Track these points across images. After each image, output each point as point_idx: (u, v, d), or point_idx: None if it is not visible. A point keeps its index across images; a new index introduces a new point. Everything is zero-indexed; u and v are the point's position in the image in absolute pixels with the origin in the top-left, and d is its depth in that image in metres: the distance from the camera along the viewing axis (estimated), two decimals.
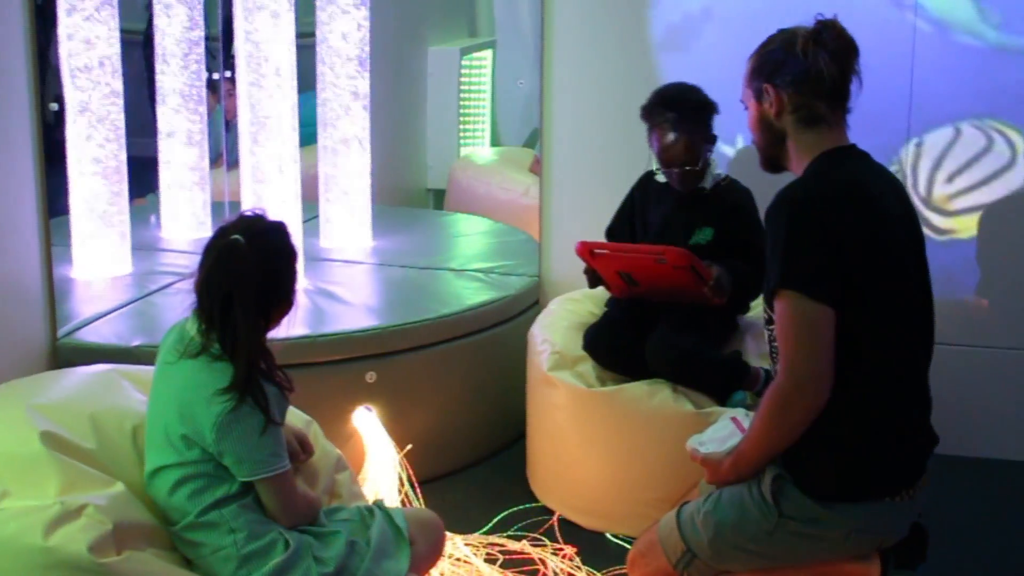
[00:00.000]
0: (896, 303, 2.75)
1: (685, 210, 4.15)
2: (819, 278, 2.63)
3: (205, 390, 2.70)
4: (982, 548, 4.11)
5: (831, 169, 2.79)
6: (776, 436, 2.72)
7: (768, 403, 2.71)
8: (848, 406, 2.69)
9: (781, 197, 2.75)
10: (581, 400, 4.08)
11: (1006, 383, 4.77)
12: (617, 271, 3.97)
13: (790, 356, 2.66)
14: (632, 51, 4.85)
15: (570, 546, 4.02)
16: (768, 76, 2.83)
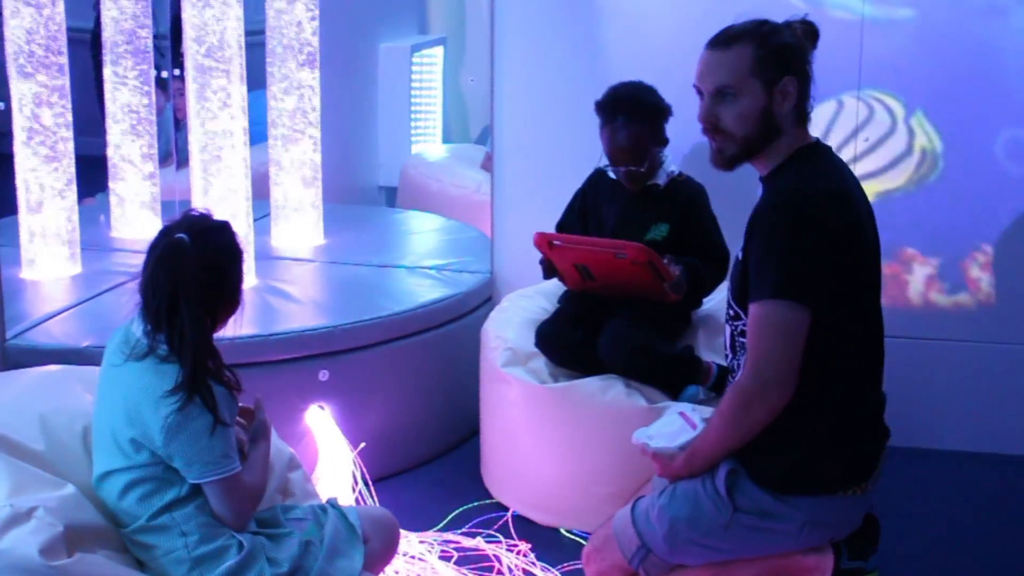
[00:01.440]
0: (868, 303, 2.78)
1: (640, 207, 4.17)
2: (812, 288, 2.63)
3: (153, 392, 2.68)
4: (933, 538, 4.15)
5: (819, 175, 2.76)
6: (735, 434, 2.73)
7: (730, 402, 2.72)
8: (807, 402, 2.70)
9: (775, 204, 2.72)
10: (534, 396, 4.09)
11: (952, 374, 4.81)
12: (574, 264, 3.98)
13: (761, 358, 2.66)
14: (582, 47, 4.85)
15: (524, 542, 4.02)
16: (788, 68, 2.74)
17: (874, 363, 2.85)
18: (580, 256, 3.95)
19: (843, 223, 2.68)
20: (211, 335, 2.78)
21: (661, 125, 4.11)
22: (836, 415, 2.75)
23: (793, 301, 2.62)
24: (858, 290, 2.74)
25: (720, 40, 2.79)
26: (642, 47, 4.79)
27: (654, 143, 4.09)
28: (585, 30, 4.85)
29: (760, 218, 2.72)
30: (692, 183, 4.20)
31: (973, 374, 4.78)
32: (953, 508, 4.38)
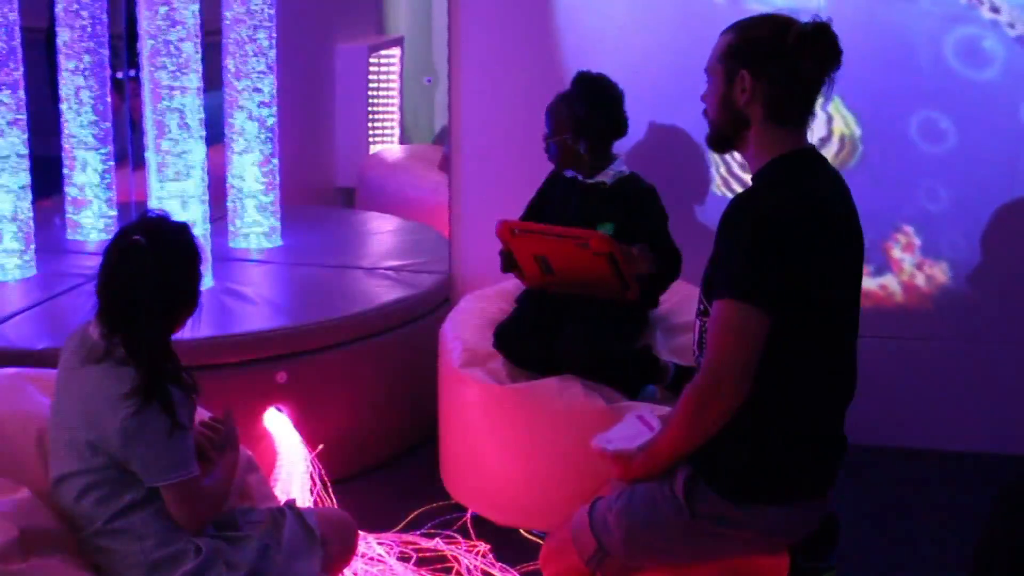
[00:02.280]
0: (837, 312, 2.76)
1: (586, 204, 4.17)
2: (772, 292, 2.61)
3: (109, 396, 2.67)
4: (891, 536, 4.18)
5: (793, 180, 2.73)
6: (692, 434, 2.72)
7: (686, 402, 2.71)
8: (768, 410, 2.69)
9: (744, 206, 2.70)
10: (493, 397, 4.09)
11: (909, 373, 4.85)
12: (534, 255, 3.98)
13: (717, 358, 2.65)
14: (540, 47, 4.86)
15: (483, 543, 4.02)
16: (747, 62, 2.72)
17: (838, 379, 2.85)
18: (541, 246, 3.95)
19: (807, 232, 2.65)
20: (169, 337, 2.77)
21: (590, 126, 4.13)
22: (796, 425, 2.73)
23: (750, 304, 2.61)
24: (823, 300, 2.70)
25: (728, 27, 2.81)
26: (599, 48, 4.80)
27: (571, 132, 4.13)
28: (542, 30, 4.85)
29: (728, 216, 2.71)
30: (640, 182, 4.20)
31: (912, 370, 4.85)
32: (913, 507, 4.42)
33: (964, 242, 4.75)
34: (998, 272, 4.77)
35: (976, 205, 4.73)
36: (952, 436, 4.85)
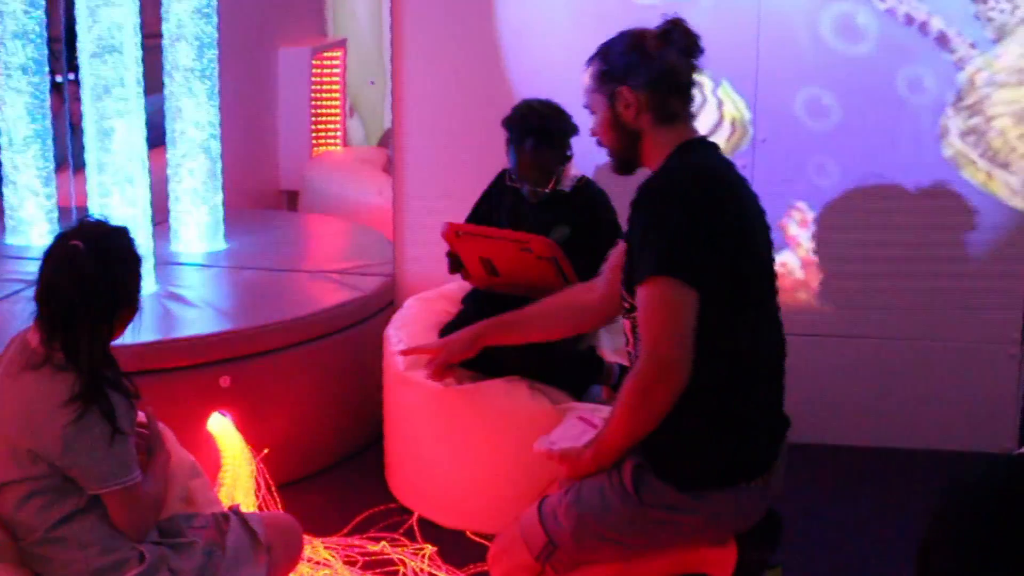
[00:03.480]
0: (758, 290, 2.81)
1: (542, 209, 4.18)
2: (693, 264, 2.65)
3: (49, 402, 2.64)
4: (832, 532, 4.22)
5: (693, 159, 2.81)
6: (638, 422, 2.74)
7: (629, 389, 2.72)
8: (706, 393, 2.72)
9: (651, 186, 2.76)
10: (438, 399, 4.08)
11: (848, 371, 4.90)
12: (480, 257, 3.98)
13: (654, 341, 2.66)
14: (482, 49, 4.86)
15: (430, 545, 4.02)
16: (622, 79, 2.83)
17: (772, 353, 2.88)
18: (486, 248, 3.96)
19: (717, 200, 2.73)
20: (108, 343, 2.75)
21: (567, 145, 4.14)
22: (735, 407, 2.77)
23: (675, 277, 2.65)
24: (746, 274, 2.76)
25: (588, 59, 2.93)
26: (541, 49, 4.81)
27: (560, 163, 4.12)
28: (485, 32, 4.85)
29: (638, 201, 2.76)
30: (594, 187, 4.23)
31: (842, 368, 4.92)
32: (853, 503, 4.45)
33: (855, 217, 4.82)
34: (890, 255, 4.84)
35: (863, 176, 4.79)
36: (891, 433, 4.91)
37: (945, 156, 4.70)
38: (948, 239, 4.78)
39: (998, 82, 4.62)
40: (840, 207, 4.82)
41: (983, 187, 4.70)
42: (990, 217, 4.74)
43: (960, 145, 4.68)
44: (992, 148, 4.66)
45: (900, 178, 4.76)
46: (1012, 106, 4.62)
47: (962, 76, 4.64)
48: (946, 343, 4.84)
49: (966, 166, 4.70)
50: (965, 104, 4.66)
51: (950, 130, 4.68)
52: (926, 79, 4.67)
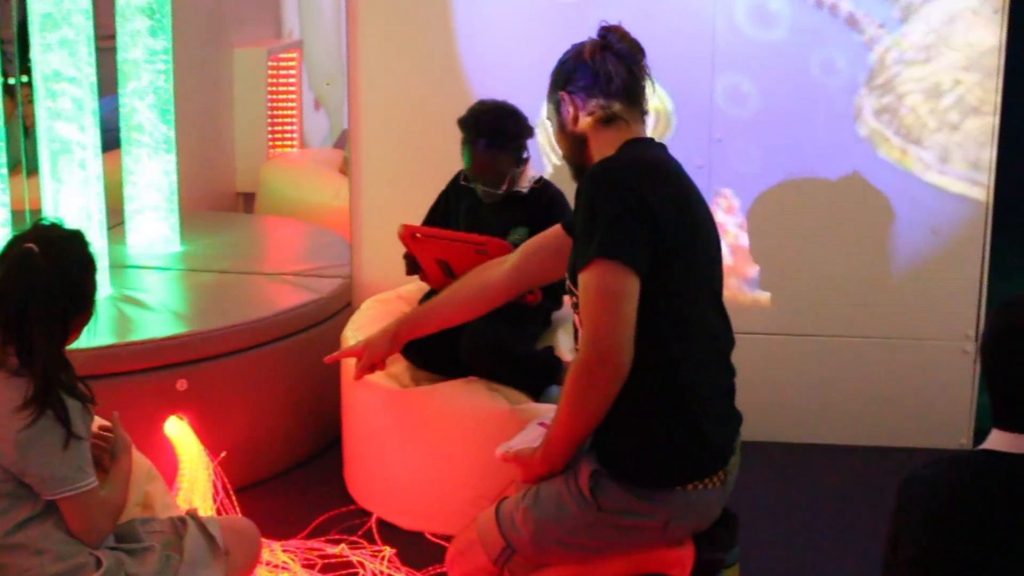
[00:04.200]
0: (703, 282, 2.82)
1: (500, 210, 4.19)
2: (633, 247, 2.66)
3: (3, 408, 2.62)
4: (788, 529, 4.24)
5: (636, 150, 2.85)
6: (582, 413, 2.73)
7: (572, 380, 2.72)
8: (657, 393, 2.72)
9: (591, 172, 2.79)
10: (396, 401, 4.08)
11: (800, 369, 4.94)
12: (436, 259, 3.99)
13: (594, 327, 2.66)
14: (438, 49, 4.86)
15: (388, 547, 4.01)
16: (562, 85, 2.90)
17: (722, 350, 2.90)
18: (442, 251, 3.97)
19: (658, 188, 2.74)
20: (63, 347, 2.73)
21: (522, 147, 4.15)
22: (687, 405, 2.77)
23: (615, 261, 2.65)
24: (691, 264, 2.78)
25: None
26: (497, 50, 4.82)
27: (514, 165, 4.14)
28: (441, 33, 4.85)
29: (579, 191, 2.79)
30: (552, 188, 4.25)
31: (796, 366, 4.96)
32: (808, 500, 4.48)
33: (786, 205, 4.86)
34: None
35: (786, 161, 4.83)
36: (847, 431, 4.95)
37: (861, 135, 4.76)
38: (890, 231, 4.83)
39: (907, 60, 4.69)
40: (768, 195, 4.85)
41: (898, 164, 4.76)
42: (939, 208, 4.78)
43: (874, 124, 4.74)
44: (905, 125, 4.73)
45: (821, 161, 4.81)
46: (921, 83, 4.69)
47: (872, 56, 4.71)
48: (900, 340, 4.88)
49: (881, 144, 4.76)
50: (877, 83, 4.72)
51: (864, 110, 4.75)
52: (838, 61, 4.73)
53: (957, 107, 4.68)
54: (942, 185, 4.75)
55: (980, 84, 4.66)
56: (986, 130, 4.69)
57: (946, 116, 4.69)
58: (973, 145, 4.70)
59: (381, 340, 3.30)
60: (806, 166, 4.82)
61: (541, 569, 2.92)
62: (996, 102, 4.67)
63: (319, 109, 7.81)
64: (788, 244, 4.89)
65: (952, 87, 4.67)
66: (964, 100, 4.67)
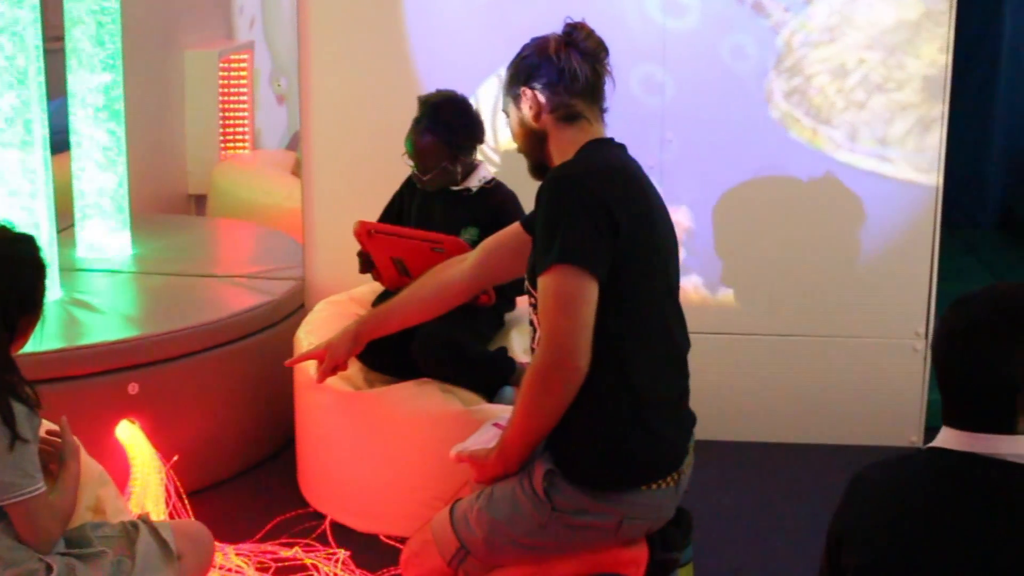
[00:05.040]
0: (661, 285, 2.84)
1: (450, 210, 4.19)
2: (593, 253, 2.68)
3: None
4: (742, 528, 4.26)
5: (598, 154, 2.87)
6: (538, 415, 2.75)
7: (529, 383, 2.74)
8: (612, 395, 2.74)
9: (552, 176, 2.80)
10: (349, 403, 4.07)
11: (751, 369, 4.97)
12: (391, 257, 3.99)
13: (553, 330, 2.69)
14: (390, 49, 4.85)
15: (343, 550, 4.00)
16: (524, 81, 2.90)
17: (677, 351, 2.91)
18: (398, 248, 3.97)
19: (619, 192, 2.76)
20: (10, 350, 2.71)
21: (464, 145, 4.15)
22: (642, 407, 2.78)
23: (575, 266, 2.67)
24: (649, 268, 2.80)
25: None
26: (450, 50, 4.82)
27: (448, 159, 4.12)
28: (393, 33, 4.84)
29: (540, 194, 2.80)
30: (503, 189, 4.26)
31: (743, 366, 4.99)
32: (761, 499, 4.50)
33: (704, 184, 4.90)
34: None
35: (706, 149, 4.86)
36: (799, 429, 4.98)
37: (773, 118, 4.80)
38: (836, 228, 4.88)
39: (812, 42, 4.75)
40: (686, 178, 4.87)
41: (809, 144, 4.81)
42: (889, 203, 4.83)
43: (785, 106, 4.79)
44: (814, 106, 4.78)
45: (739, 149, 4.85)
46: (827, 63, 4.75)
47: (780, 40, 4.76)
48: (851, 339, 4.91)
49: (792, 125, 4.81)
50: (785, 66, 4.78)
51: (774, 93, 4.79)
52: (748, 46, 4.78)
53: (862, 85, 4.74)
54: (852, 163, 4.80)
55: (883, 62, 4.71)
56: (891, 107, 4.74)
57: (852, 95, 4.75)
58: (879, 122, 4.76)
59: (343, 341, 3.29)
60: (726, 155, 4.85)
61: (495, 570, 2.92)
62: (900, 80, 4.72)
63: (283, 103, 7.77)
64: (726, 239, 4.92)
65: (857, 66, 4.74)
66: (868, 78, 4.73)
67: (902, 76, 4.71)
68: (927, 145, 4.74)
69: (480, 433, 3.07)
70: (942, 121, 4.74)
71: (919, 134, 4.74)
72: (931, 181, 4.77)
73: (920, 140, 4.74)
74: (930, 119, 4.73)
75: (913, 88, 4.72)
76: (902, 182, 4.79)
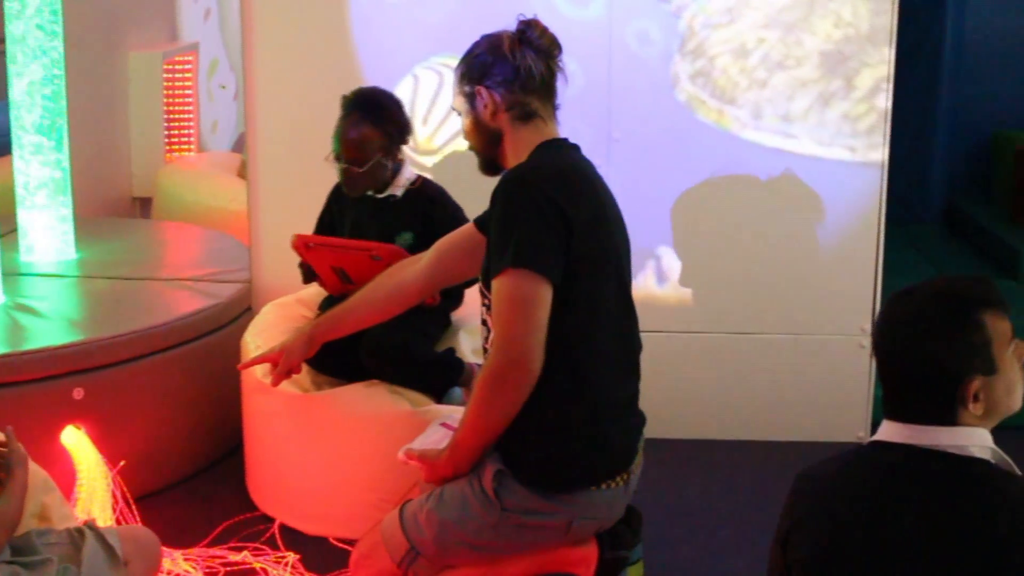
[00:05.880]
0: (613, 287, 2.84)
1: (380, 216, 4.16)
2: (548, 256, 2.69)
3: None
4: (691, 525, 4.27)
5: (552, 155, 2.87)
6: (490, 417, 2.76)
7: (482, 385, 2.74)
8: (562, 397, 2.75)
9: (507, 179, 2.80)
10: (297, 406, 4.06)
11: (701, 367, 4.98)
12: (331, 266, 3.98)
13: (507, 333, 2.69)
14: (335, 51, 4.84)
15: (292, 553, 3.99)
16: (479, 79, 2.89)
17: (629, 352, 2.92)
18: (336, 258, 3.97)
19: (574, 195, 2.76)
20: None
21: (395, 137, 4.12)
22: (593, 408, 2.79)
23: (529, 270, 2.68)
24: (602, 271, 2.80)
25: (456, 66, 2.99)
26: (394, 52, 4.81)
27: (382, 152, 4.09)
28: (338, 35, 4.83)
29: (494, 197, 2.80)
30: (430, 186, 4.23)
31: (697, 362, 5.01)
32: (711, 496, 4.52)
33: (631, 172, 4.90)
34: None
35: (625, 135, 4.88)
36: (747, 426, 5.01)
37: (680, 101, 4.83)
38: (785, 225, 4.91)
39: (713, 24, 4.78)
40: (615, 167, 4.85)
41: (716, 125, 4.84)
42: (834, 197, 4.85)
43: (691, 88, 4.83)
44: (719, 87, 4.82)
45: (646, 134, 4.87)
46: (728, 44, 4.79)
47: (682, 23, 4.79)
48: (798, 336, 4.94)
49: (699, 107, 4.84)
50: (689, 49, 4.81)
51: (680, 76, 4.82)
52: (652, 31, 4.80)
53: (763, 64, 4.78)
54: (758, 140, 4.84)
55: (781, 40, 4.75)
56: (791, 84, 4.78)
57: (754, 74, 4.79)
58: (782, 99, 4.79)
59: (297, 344, 3.28)
60: (639, 142, 4.87)
61: (446, 570, 2.93)
62: (799, 57, 4.77)
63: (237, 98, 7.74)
64: (658, 235, 4.93)
65: (757, 45, 4.78)
66: (769, 57, 4.78)
67: (800, 53, 4.77)
68: (827, 120, 4.79)
69: (428, 433, 3.07)
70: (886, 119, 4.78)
71: (819, 109, 4.79)
72: (875, 178, 4.80)
73: (821, 115, 4.79)
74: (829, 93, 4.77)
75: (812, 64, 4.77)
76: (846, 179, 4.82)
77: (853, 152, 4.81)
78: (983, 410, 2.11)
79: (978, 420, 2.12)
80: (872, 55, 4.73)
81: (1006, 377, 2.13)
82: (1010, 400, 2.15)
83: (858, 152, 4.81)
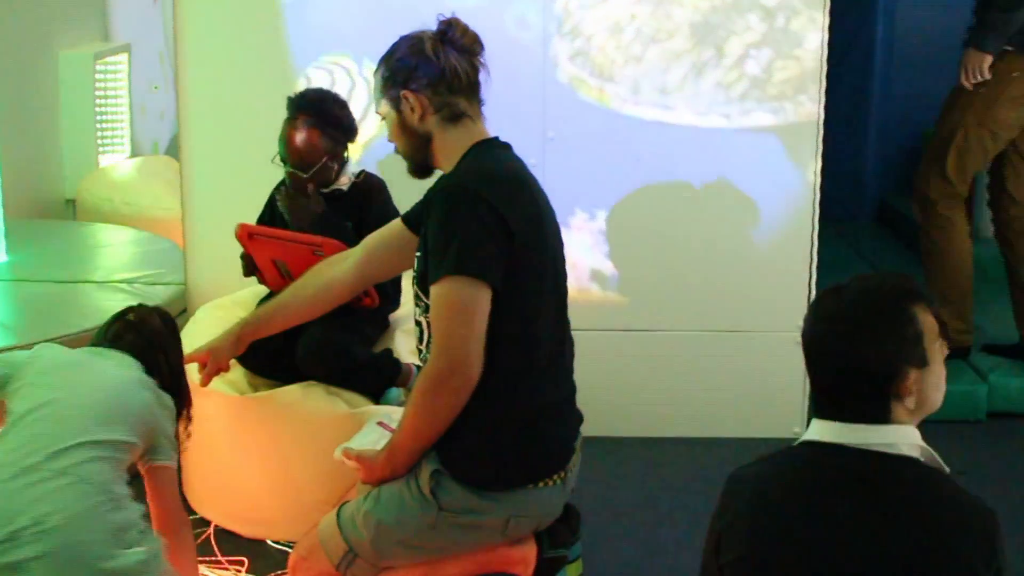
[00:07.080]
0: (551, 287, 2.86)
1: (326, 212, 4.14)
2: (487, 262, 2.69)
3: None
4: (631, 523, 4.29)
5: (488, 159, 2.87)
6: (429, 421, 2.76)
7: (420, 388, 2.75)
8: (498, 398, 2.76)
9: (445, 186, 2.79)
10: (233, 408, 4.02)
11: (637, 364, 5.00)
12: (273, 260, 3.96)
13: (446, 339, 2.70)
14: (269, 53, 4.81)
15: (229, 557, 3.95)
16: (404, 83, 2.87)
17: (562, 351, 2.92)
18: (278, 251, 3.95)
19: (509, 199, 2.77)
20: None
21: (341, 141, 4.11)
22: (528, 407, 2.80)
23: (470, 277, 2.68)
24: (538, 272, 2.81)
25: (375, 68, 2.98)
26: (330, 49, 4.79)
27: (329, 155, 4.08)
28: (272, 35, 4.80)
29: (430, 203, 2.80)
30: (371, 179, 4.25)
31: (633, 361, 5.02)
32: (649, 494, 4.54)
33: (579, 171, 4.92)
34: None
35: (511, 126, 4.80)
36: (684, 423, 5.02)
37: (561, 81, 4.85)
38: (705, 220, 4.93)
39: (588, 4, 4.80)
40: (564, 165, 4.87)
41: (598, 103, 4.86)
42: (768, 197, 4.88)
43: (572, 69, 4.84)
44: (597, 65, 4.84)
45: (533, 116, 4.86)
46: (603, 23, 4.81)
47: (558, 5, 4.80)
48: (734, 333, 4.97)
49: (580, 87, 4.86)
50: (566, 30, 4.83)
51: (560, 57, 4.84)
52: (529, 15, 4.81)
53: (638, 39, 4.81)
54: (637, 114, 4.86)
55: (652, 14, 4.78)
56: (666, 56, 4.80)
57: (630, 49, 4.82)
58: (657, 72, 4.82)
59: (225, 343, 3.26)
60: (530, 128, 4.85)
61: (384, 572, 2.92)
62: (669, 29, 4.79)
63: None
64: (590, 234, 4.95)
65: (630, 21, 4.81)
66: (642, 32, 4.80)
67: (671, 26, 4.79)
68: (702, 90, 4.82)
69: (365, 432, 3.06)
70: (818, 122, 4.82)
71: (694, 80, 4.82)
72: (809, 176, 4.84)
73: (695, 85, 4.82)
74: (702, 63, 4.80)
75: (683, 36, 4.80)
76: (781, 178, 4.85)
77: (728, 119, 4.85)
78: (915, 403, 2.13)
79: (909, 415, 2.14)
80: (737, 23, 4.78)
81: (935, 371, 2.15)
82: (937, 395, 2.18)
83: (733, 119, 4.85)
